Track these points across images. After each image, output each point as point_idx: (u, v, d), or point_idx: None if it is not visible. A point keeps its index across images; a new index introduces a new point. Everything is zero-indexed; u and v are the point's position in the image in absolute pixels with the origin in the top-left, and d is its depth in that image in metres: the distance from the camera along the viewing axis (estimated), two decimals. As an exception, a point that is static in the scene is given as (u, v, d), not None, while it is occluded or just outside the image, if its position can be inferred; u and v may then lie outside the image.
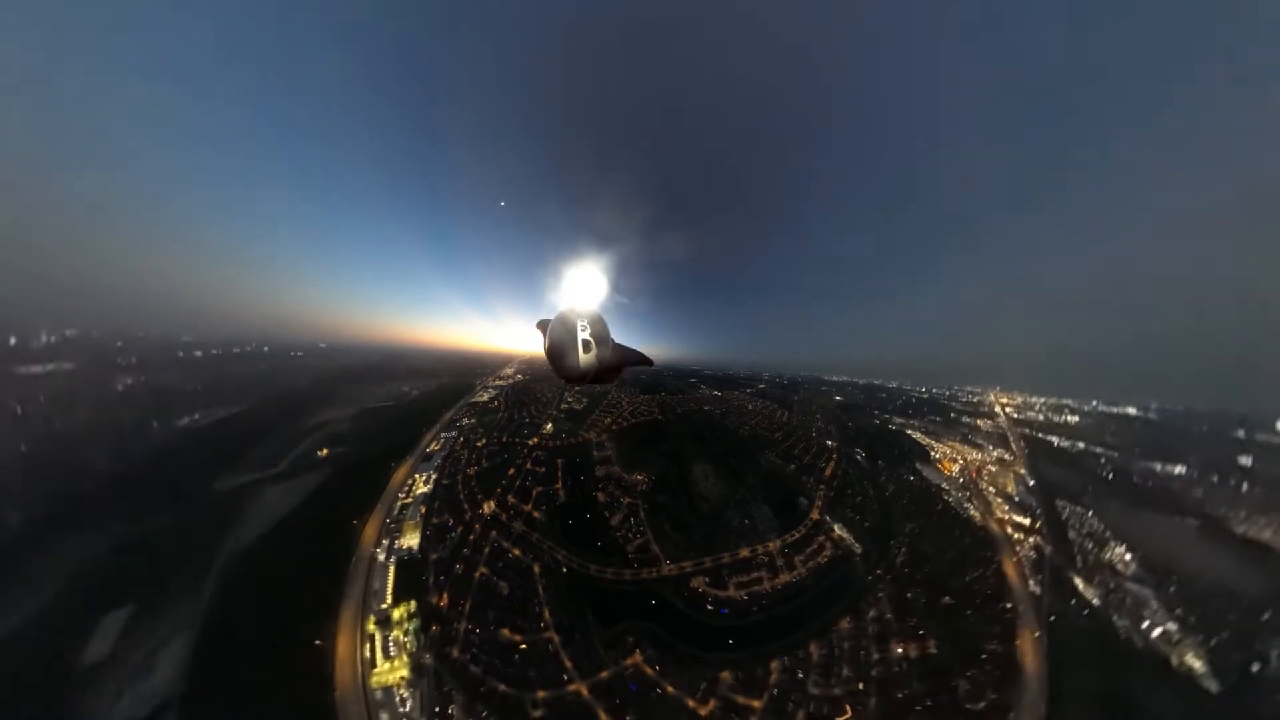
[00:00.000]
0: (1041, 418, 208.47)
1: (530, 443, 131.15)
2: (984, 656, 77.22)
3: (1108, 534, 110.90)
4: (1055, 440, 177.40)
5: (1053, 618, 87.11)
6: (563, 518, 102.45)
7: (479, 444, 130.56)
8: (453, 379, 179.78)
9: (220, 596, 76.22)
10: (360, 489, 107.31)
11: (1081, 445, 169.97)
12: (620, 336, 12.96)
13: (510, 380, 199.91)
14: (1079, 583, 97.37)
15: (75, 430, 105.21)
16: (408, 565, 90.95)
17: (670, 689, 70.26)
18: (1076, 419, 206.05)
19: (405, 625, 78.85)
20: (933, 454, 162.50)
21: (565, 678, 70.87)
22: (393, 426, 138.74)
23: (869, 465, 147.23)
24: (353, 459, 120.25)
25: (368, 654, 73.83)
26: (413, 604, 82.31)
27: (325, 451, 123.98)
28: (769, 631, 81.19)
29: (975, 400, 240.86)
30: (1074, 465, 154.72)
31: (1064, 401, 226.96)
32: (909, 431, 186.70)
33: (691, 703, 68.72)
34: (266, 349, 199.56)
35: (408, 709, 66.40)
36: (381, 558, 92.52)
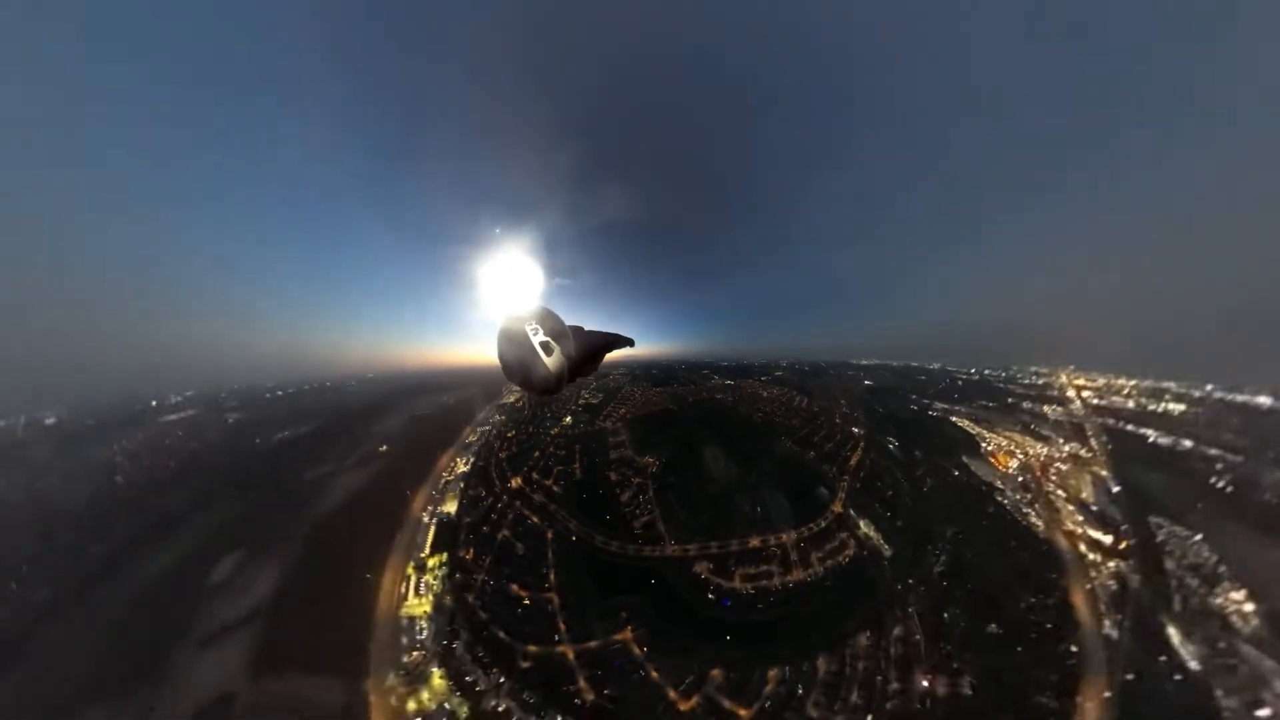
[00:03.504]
0: (1131, 404, 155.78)
1: (552, 432, 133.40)
2: (1032, 711, 61.14)
3: (1222, 569, 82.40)
4: (1151, 435, 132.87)
5: (1130, 676, 66.10)
6: (577, 493, 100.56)
7: (509, 435, 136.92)
8: (482, 387, 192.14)
9: (304, 545, 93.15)
10: (412, 471, 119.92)
11: (1189, 444, 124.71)
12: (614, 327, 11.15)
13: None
14: (1173, 633, 73.12)
15: (204, 450, 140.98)
16: (445, 526, 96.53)
17: (654, 674, 63.62)
18: (1183, 408, 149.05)
19: (435, 571, 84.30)
20: (984, 445, 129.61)
21: (556, 638, 68.98)
22: (437, 426, 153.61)
23: (903, 455, 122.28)
24: (406, 451, 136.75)
25: (403, 590, 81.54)
26: (444, 555, 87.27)
27: (384, 448, 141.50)
28: (773, 634, 70.14)
29: (1040, 382, 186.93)
30: (1177, 470, 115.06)
31: (1164, 385, 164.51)
32: (954, 419, 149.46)
33: (673, 694, 61.07)
34: (329, 384, 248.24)
35: (423, 637, 72.09)
36: (425, 520, 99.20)
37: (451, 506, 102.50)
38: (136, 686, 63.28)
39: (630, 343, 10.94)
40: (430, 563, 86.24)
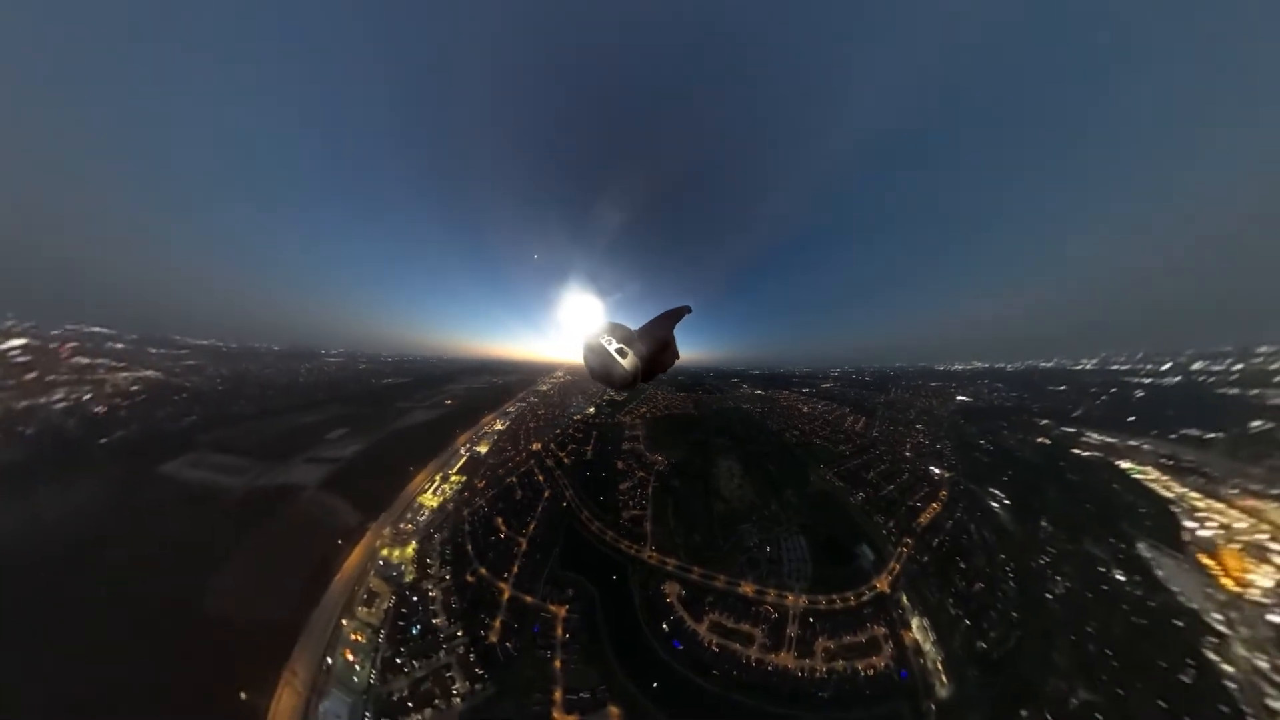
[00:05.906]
0: None
1: (575, 418, 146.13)
2: None
3: None
4: None
5: None
6: (583, 470, 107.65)
7: (540, 412, 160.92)
8: (521, 377, 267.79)
9: (382, 439, 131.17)
10: (463, 420, 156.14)
11: None
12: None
13: (561, 379, 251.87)
14: None
15: (343, 379, 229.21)
16: (473, 460, 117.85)
17: (557, 664, 55.02)
18: None
19: (453, 484, 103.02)
20: (1190, 524, 68.01)
21: (504, 576, 71.08)
22: (486, 396, 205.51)
23: (1016, 524, 76.24)
24: (463, 406, 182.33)
25: (426, 487, 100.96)
26: (464, 477, 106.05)
27: (450, 401, 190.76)
28: (709, 716, 50.82)
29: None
30: None
31: None
32: (1125, 463, 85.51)
33: (558, 695, 50.83)
34: (419, 359, 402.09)
35: (420, 521, 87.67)
36: (462, 452, 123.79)
37: (483, 448, 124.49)
38: (277, 460, 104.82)
39: (689, 310, 11.61)
40: (452, 478, 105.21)
